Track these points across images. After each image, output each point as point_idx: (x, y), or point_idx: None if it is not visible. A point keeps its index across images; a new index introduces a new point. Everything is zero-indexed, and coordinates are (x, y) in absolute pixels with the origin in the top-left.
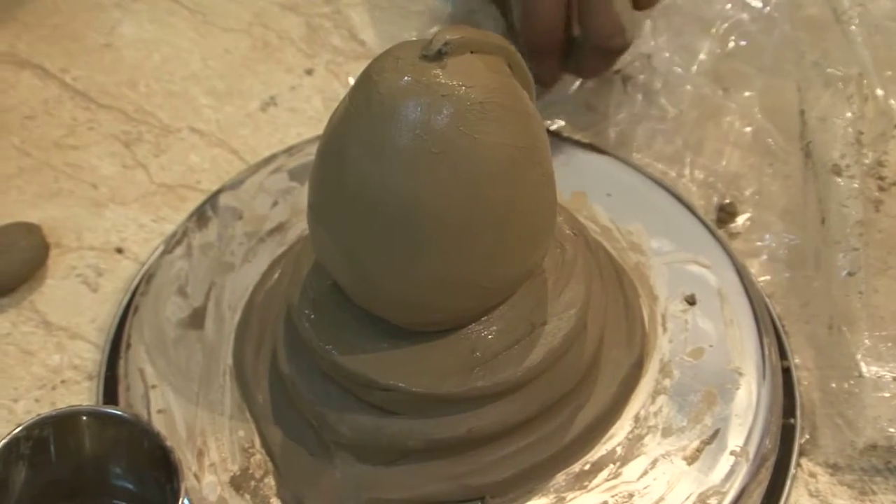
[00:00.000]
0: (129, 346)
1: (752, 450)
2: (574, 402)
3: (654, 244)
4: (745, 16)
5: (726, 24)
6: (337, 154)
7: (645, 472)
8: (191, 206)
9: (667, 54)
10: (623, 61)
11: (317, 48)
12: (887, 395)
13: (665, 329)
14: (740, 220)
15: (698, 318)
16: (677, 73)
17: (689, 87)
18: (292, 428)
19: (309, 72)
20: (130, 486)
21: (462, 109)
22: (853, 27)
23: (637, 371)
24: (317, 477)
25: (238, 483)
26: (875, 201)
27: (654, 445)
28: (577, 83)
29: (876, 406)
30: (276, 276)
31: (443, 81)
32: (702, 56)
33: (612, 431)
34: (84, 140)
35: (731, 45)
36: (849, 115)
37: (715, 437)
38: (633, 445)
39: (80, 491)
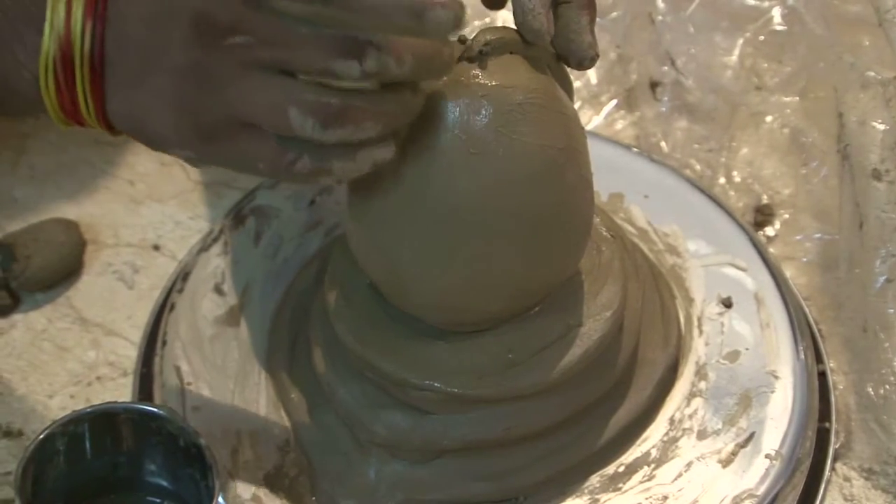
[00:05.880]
0: (164, 343)
1: (786, 453)
2: (609, 403)
3: (691, 246)
4: (777, 15)
5: (759, 23)
6: None
7: (679, 475)
8: (228, 203)
9: (698, 54)
10: (660, 62)
11: None
12: None
13: (701, 332)
14: (777, 221)
15: (734, 320)
16: (710, 74)
17: (721, 87)
18: (327, 426)
19: None
20: (165, 483)
21: (501, 110)
22: None
23: (672, 373)
24: (351, 475)
25: (273, 481)
26: None
27: (688, 448)
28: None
29: None
30: (312, 274)
31: (482, 82)
32: (734, 56)
33: (646, 433)
34: (122, 137)
35: (764, 44)
36: (889, 119)
37: (750, 440)
38: (667, 448)
39: (115, 487)
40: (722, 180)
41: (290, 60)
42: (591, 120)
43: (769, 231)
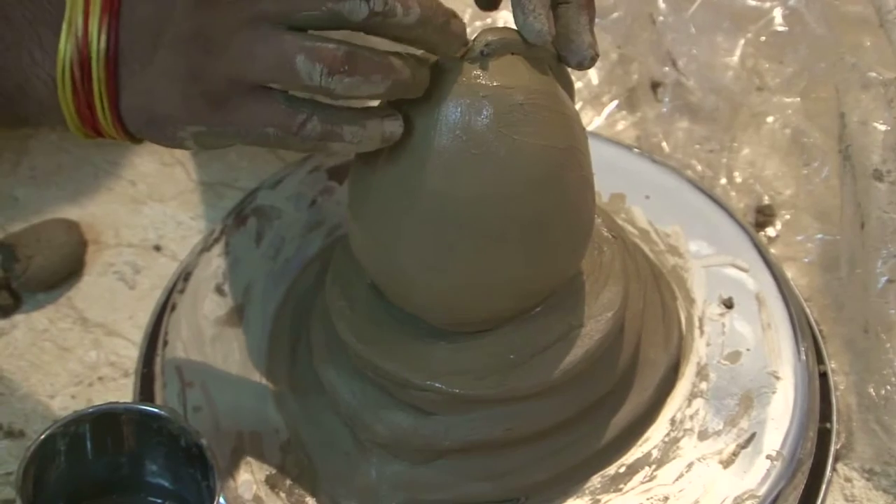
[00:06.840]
0: (166, 343)
1: (787, 454)
2: (610, 404)
3: (693, 247)
4: (779, 15)
5: (760, 23)
6: (376, 153)
7: (680, 476)
8: (229, 204)
9: (699, 55)
10: (661, 63)
11: None
12: None
13: (702, 332)
14: (778, 222)
15: (735, 321)
16: (711, 74)
17: (723, 88)
18: (328, 426)
19: None
20: (166, 484)
21: (502, 110)
22: None
23: (674, 374)
24: (352, 476)
25: (273, 481)
26: None
27: (689, 448)
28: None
29: None
30: (313, 275)
31: (483, 82)
32: (736, 57)
33: (647, 434)
34: None
35: (765, 45)
36: (891, 119)
37: (751, 440)
38: (668, 448)
39: (116, 488)
40: (723, 181)
41: (295, 7)
42: (592, 120)
43: (770, 232)
